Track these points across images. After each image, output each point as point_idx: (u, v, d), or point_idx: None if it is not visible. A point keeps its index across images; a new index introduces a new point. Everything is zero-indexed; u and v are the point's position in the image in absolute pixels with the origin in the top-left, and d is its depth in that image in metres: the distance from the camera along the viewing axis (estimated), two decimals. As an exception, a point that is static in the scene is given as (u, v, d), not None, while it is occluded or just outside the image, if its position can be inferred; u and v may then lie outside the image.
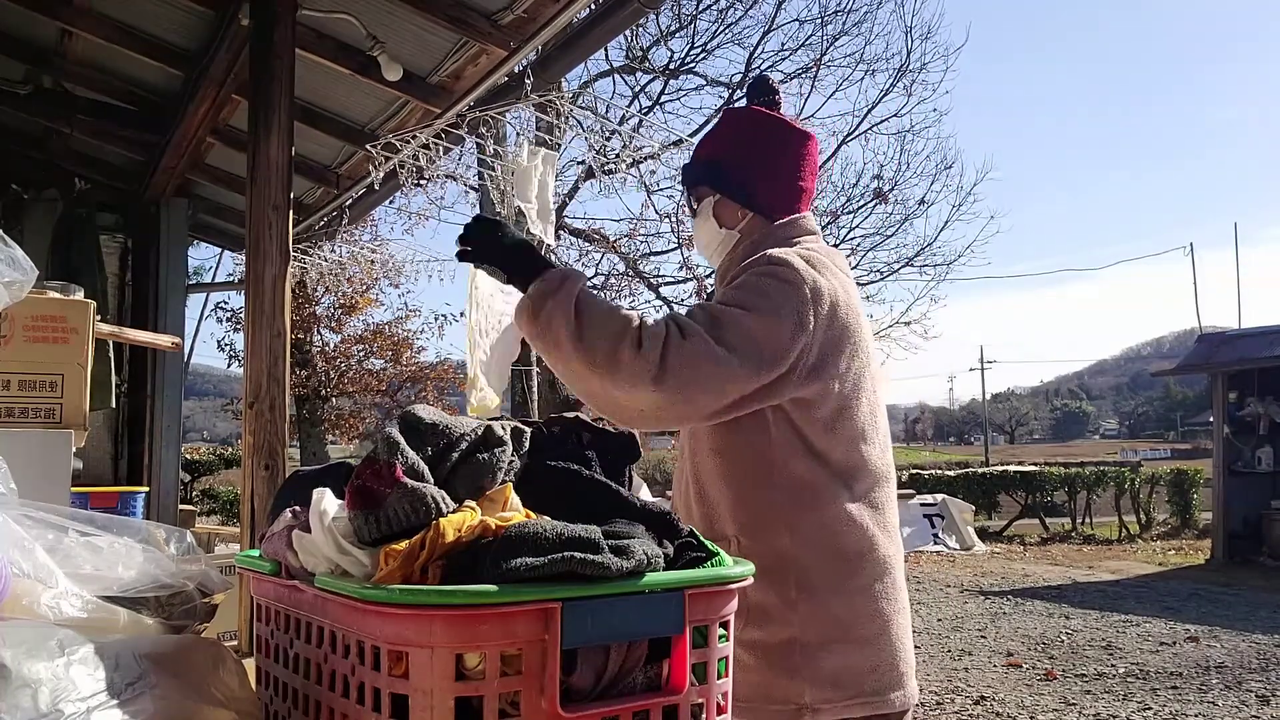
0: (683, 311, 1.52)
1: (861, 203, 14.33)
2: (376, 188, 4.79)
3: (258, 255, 3.16)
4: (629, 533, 0.94)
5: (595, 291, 1.47)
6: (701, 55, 13.58)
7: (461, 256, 1.48)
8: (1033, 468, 17.29)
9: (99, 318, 2.28)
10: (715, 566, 0.99)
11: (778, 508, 1.49)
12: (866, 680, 1.48)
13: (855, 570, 1.49)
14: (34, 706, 0.77)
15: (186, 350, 11.47)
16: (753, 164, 1.64)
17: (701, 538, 1.03)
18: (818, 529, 1.48)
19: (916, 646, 6.49)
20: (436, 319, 17.46)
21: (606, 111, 12.92)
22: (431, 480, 0.94)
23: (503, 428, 1.03)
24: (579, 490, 1.04)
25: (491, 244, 1.46)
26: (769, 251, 1.54)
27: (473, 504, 0.93)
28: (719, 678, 0.96)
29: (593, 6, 3.60)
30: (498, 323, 4.91)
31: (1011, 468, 17.73)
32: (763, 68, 13.76)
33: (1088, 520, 15.43)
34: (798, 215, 1.66)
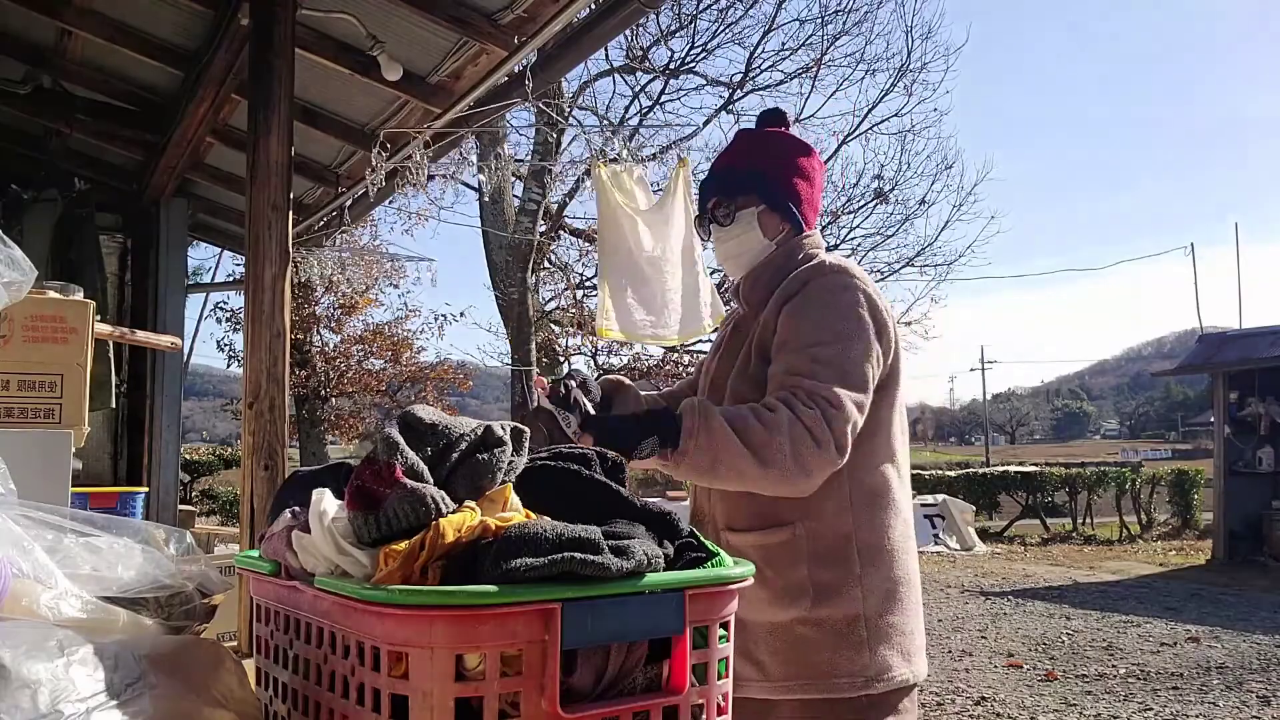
0: (796, 378, 1.54)
1: (862, 203, 14.35)
2: (372, 188, 4.76)
3: (258, 255, 3.16)
4: (629, 533, 0.94)
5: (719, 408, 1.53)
6: (701, 55, 13.61)
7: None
8: (1033, 468, 17.28)
9: (98, 318, 2.27)
10: (715, 567, 0.99)
11: (842, 495, 1.59)
12: (917, 653, 1.61)
13: (900, 549, 1.63)
14: (34, 707, 0.77)
15: (186, 350, 11.49)
16: (796, 181, 1.76)
17: (702, 538, 1.02)
18: (873, 511, 1.61)
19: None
20: (436, 319, 17.47)
21: (606, 111, 12.93)
22: (431, 480, 0.94)
23: (502, 428, 1.03)
24: (579, 490, 1.04)
25: (611, 435, 1.48)
26: (826, 259, 1.67)
27: (472, 504, 0.93)
28: (719, 678, 0.96)
29: (593, 6, 3.59)
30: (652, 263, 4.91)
31: (1012, 468, 17.72)
32: (763, 68, 13.79)
33: (1088, 521, 15.42)
34: (812, 231, 1.79)
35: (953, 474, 17.68)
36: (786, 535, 1.58)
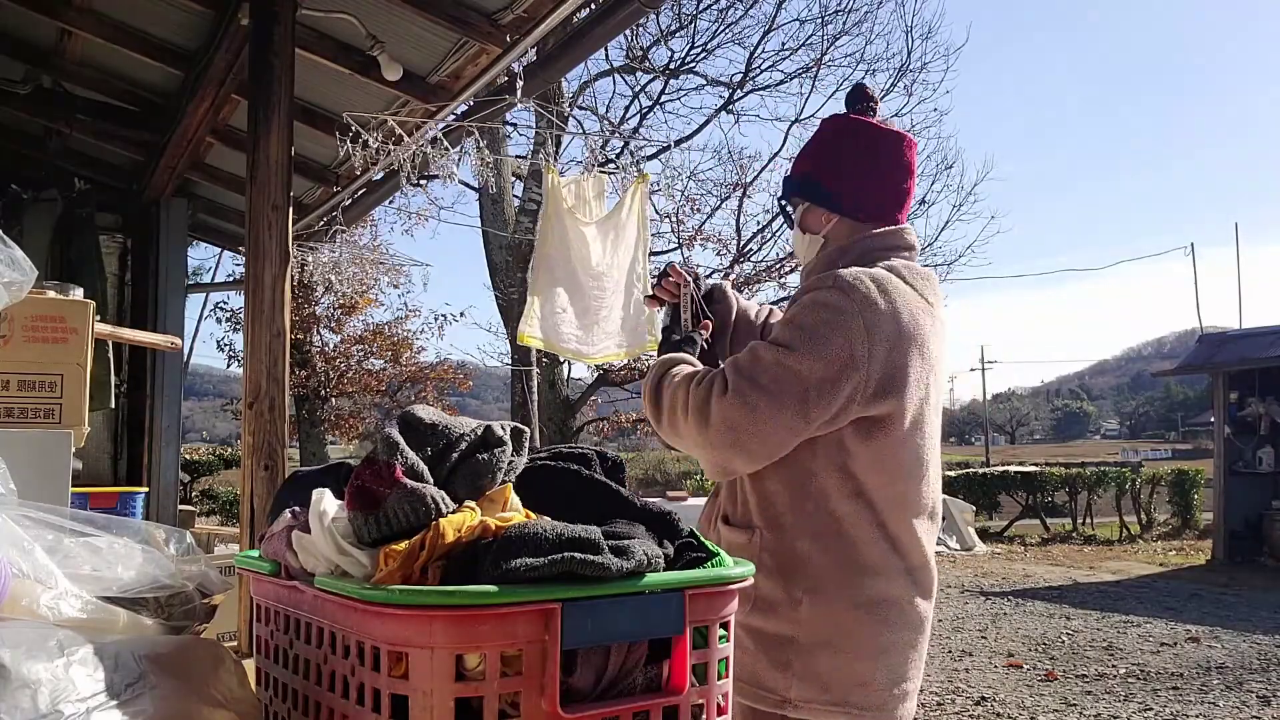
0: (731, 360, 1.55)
1: (862, 203, 14.32)
2: (371, 175, 4.75)
3: (257, 255, 3.16)
4: (629, 533, 0.94)
5: (691, 365, 1.61)
6: (701, 55, 13.60)
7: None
8: (1033, 468, 17.26)
9: (98, 318, 2.27)
10: (715, 567, 0.99)
11: (805, 515, 1.52)
12: (854, 692, 1.50)
13: (865, 588, 1.52)
14: (34, 707, 0.77)
15: (186, 350, 11.49)
16: (835, 168, 1.65)
17: (702, 538, 1.02)
18: (838, 541, 1.52)
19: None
20: (436, 319, 17.46)
21: (606, 111, 12.93)
22: (431, 480, 0.94)
23: (502, 428, 1.03)
24: (579, 490, 1.04)
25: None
26: (837, 273, 1.52)
27: (472, 504, 0.93)
28: (719, 678, 0.96)
29: (593, 6, 3.59)
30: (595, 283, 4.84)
31: (1012, 468, 17.70)
32: (763, 68, 13.79)
33: (1088, 521, 15.41)
34: (898, 227, 1.65)
35: (953, 474, 17.65)
36: (746, 538, 1.56)
